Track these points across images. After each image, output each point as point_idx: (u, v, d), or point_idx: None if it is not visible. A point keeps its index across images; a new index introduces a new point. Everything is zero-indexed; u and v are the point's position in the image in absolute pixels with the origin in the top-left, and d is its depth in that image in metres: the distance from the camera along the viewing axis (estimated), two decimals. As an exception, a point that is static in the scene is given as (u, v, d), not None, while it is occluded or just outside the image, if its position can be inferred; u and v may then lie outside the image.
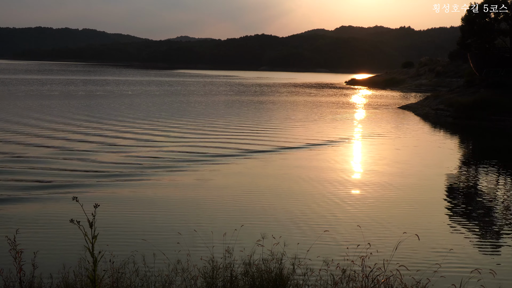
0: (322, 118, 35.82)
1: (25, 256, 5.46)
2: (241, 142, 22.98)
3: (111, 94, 54.43)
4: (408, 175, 17.33)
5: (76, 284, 5.89)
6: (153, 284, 6.05)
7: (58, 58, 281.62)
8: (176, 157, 19.09)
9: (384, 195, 14.29)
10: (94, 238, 4.65)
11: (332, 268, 6.24)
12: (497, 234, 11.33)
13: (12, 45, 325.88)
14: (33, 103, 39.73)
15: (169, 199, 13.35)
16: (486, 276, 6.96)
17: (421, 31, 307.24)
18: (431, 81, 75.12)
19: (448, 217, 12.53)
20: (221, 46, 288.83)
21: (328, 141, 24.62)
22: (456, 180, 17.35)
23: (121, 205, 12.55)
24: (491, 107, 36.02)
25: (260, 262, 6.24)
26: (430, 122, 36.33)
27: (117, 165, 17.22)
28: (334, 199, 13.74)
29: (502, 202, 14.31)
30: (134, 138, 23.53)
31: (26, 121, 28.58)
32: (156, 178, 15.60)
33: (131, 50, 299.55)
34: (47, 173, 15.91)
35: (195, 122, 30.79)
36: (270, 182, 15.66)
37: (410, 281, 5.97)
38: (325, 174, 17.03)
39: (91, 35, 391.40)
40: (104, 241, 8.58)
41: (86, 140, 22.52)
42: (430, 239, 10.51)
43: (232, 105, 44.91)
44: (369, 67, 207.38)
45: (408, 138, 26.84)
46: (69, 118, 30.82)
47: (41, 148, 20.32)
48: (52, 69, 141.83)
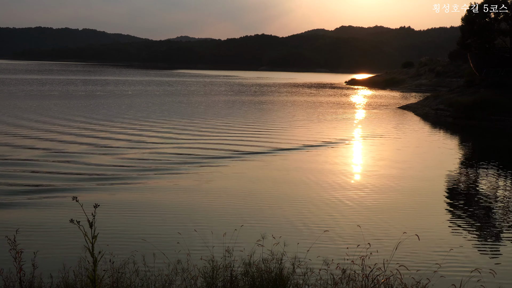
0: (322, 119, 35.82)
1: (25, 256, 5.46)
2: (240, 144, 22.88)
3: (111, 94, 54.42)
4: (408, 175, 17.33)
5: (76, 284, 5.89)
6: (153, 284, 6.05)
7: (58, 58, 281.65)
8: (176, 159, 19.06)
9: (384, 196, 14.29)
10: (94, 238, 4.65)
11: (332, 268, 6.24)
12: (497, 234, 11.33)
13: (12, 45, 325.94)
14: (33, 103, 39.74)
15: (169, 199, 13.35)
16: (486, 276, 6.96)
17: (421, 31, 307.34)
18: (431, 81, 75.13)
19: (448, 217, 12.53)
20: (221, 46, 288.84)
21: (328, 142, 24.61)
22: (456, 180, 17.34)
23: (121, 206, 12.54)
24: (491, 107, 36.02)
25: (260, 262, 6.24)
26: (430, 122, 36.33)
27: (115, 167, 17.12)
28: (334, 199, 13.73)
29: (502, 202, 14.31)
30: (133, 140, 23.50)
31: (26, 123, 28.58)
32: (156, 180, 15.60)
33: (131, 50, 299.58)
34: (47, 176, 15.91)
35: (195, 123, 30.78)
36: (270, 182, 15.65)
37: (410, 281, 5.97)
38: (325, 174, 17.02)
39: (91, 35, 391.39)
40: (104, 241, 8.59)
41: (83, 142, 22.49)
42: (430, 239, 10.51)
43: (232, 106, 44.91)
44: (369, 67, 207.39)
45: (407, 139, 26.84)
46: (69, 120, 30.84)
47: (33, 150, 20.32)
48: (52, 69, 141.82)
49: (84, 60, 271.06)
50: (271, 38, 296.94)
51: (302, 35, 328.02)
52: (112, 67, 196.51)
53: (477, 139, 30.27)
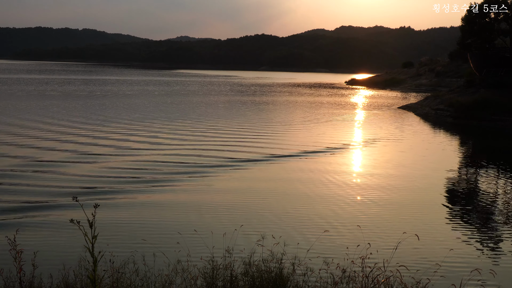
0: (322, 119, 35.81)
1: (25, 256, 5.45)
2: (241, 151, 21.85)
3: (111, 94, 54.39)
4: (408, 175, 17.32)
5: (76, 284, 5.89)
6: (153, 284, 6.04)
7: (58, 58, 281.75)
8: (175, 160, 19.03)
9: (384, 196, 14.29)
10: (94, 238, 4.64)
11: (332, 268, 6.24)
12: (497, 234, 11.32)
13: (12, 45, 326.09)
14: (34, 103, 39.74)
15: (169, 199, 13.34)
16: (486, 276, 6.96)
17: (421, 31, 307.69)
18: (431, 81, 75.15)
19: (448, 217, 12.52)
20: (221, 46, 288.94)
21: (329, 145, 24.29)
22: (456, 180, 17.34)
23: (121, 206, 12.54)
24: (491, 107, 36.03)
25: (260, 262, 6.24)
26: (430, 122, 36.32)
27: (115, 169, 17.11)
28: (334, 199, 13.73)
29: (502, 202, 14.31)
30: (133, 141, 23.52)
31: (29, 123, 28.58)
32: (155, 180, 15.60)
33: (131, 50, 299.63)
34: (57, 178, 15.92)
35: (195, 125, 30.69)
36: (270, 183, 15.65)
37: (410, 281, 5.97)
38: (325, 175, 17.01)
39: (91, 35, 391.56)
40: (104, 241, 8.59)
41: (80, 143, 22.49)
42: (430, 239, 10.51)
43: (232, 106, 44.90)
44: (369, 67, 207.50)
45: (407, 139, 26.82)
46: (69, 121, 30.85)
47: (35, 149, 20.31)
48: (53, 69, 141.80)
49: (84, 60, 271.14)
50: (271, 38, 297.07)
51: (302, 35, 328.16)
52: (112, 67, 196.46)
53: (477, 139, 30.26)
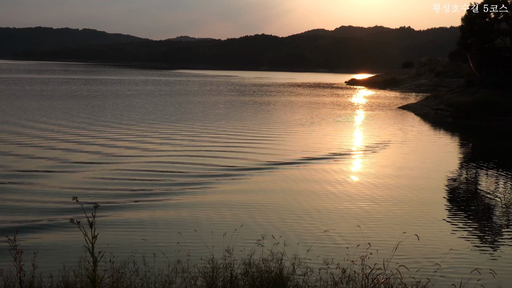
0: (322, 120, 35.80)
1: (25, 256, 5.46)
2: (241, 158, 20.44)
3: (111, 94, 54.39)
4: (408, 175, 17.32)
5: (76, 284, 5.89)
6: (153, 284, 6.05)
7: (58, 58, 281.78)
8: (175, 161, 19.04)
9: (384, 196, 14.29)
10: (94, 238, 4.64)
11: (332, 268, 6.24)
12: (497, 234, 11.33)
13: (12, 45, 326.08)
14: (35, 104, 39.76)
15: (169, 199, 13.34)
16: (486, 276, 6.96)
17: (421, 31, 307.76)
18: (431, 81, 75.15)
19: (448, 217, 12.52)
20: (221, 46, 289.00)
21: (329, 147, 24.29)
22: (456, 180, 17.34)
23: (121, 206, 12.54)
24: (491, 107, 36.02)
25: (260, 262, 6.24)
26: (430, 122, 36.32)
27: (115, 170, 17.11)
28: (334, 199, 13.73)
29: (502, 202, 14.30)
30: (133, 140, 23.53)
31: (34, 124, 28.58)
32: (156, 181, 15.61)
33: (131, 50, 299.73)
34: (46, 178, 15.92)
35: (195, 127, 30.58)
36: (270, 183, 15.65)
37: (410, 281, 5.97)
38: (325, 175, 17.02)
39: (91, 35, 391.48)
40: (104, 241, 8.59)
41: (80, 150, 22.49)
42: (430, 239, 10.51)
43: (232, 107, 44.90)
44: (369, 67, 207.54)
45: (407, 139, 26.81)
46: (70, 122, 30.87)
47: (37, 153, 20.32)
48: (54, 69, 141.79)
49: (84, 60, 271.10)
50: (271, 38, 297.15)
51: (302, 35, 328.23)
52: (113, 67, 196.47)
53: (477, 139, 30.25)
